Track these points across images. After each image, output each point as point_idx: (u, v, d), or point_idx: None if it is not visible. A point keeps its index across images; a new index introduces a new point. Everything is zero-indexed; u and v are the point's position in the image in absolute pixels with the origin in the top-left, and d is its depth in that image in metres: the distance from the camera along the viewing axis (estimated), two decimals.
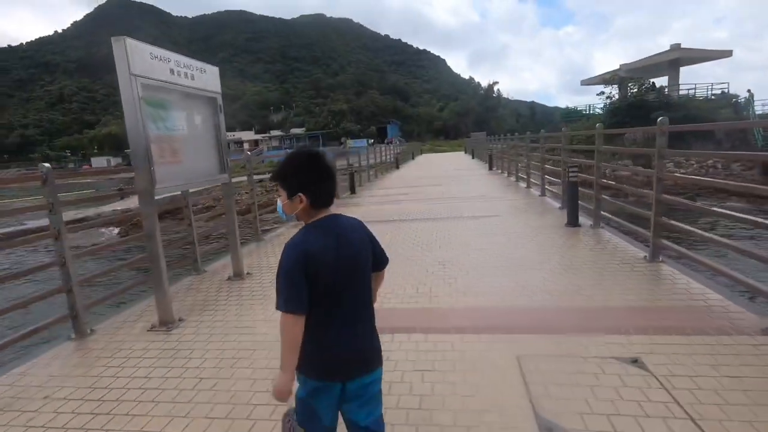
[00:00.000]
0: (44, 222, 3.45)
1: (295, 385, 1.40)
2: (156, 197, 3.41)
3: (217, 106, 4.38)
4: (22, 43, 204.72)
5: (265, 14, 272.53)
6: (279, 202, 1.46)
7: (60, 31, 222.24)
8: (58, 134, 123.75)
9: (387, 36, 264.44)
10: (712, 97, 28.58)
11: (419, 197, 10.34)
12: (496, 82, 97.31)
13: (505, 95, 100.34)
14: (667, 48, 31.04)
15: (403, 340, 2.93)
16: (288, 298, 1.30)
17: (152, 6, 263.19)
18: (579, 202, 5.93)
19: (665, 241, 4.18)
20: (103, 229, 16.48)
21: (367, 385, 1.43)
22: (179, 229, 5.22)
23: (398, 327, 3.13)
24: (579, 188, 5.92)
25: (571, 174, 5.82)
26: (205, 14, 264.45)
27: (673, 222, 4.14)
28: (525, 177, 10.89)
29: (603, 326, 2.91)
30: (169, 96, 3.69)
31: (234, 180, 4.81)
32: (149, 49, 3.36)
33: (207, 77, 4.19)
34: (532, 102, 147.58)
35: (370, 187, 14.20)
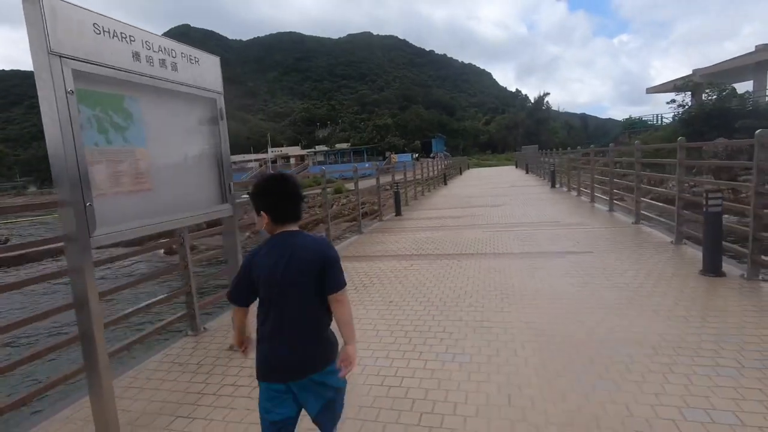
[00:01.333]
0: None
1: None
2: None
3: (216, 110, 3.15)
4: None
5: (314, 34, 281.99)
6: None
7: None
8: None
9: (432, 51, 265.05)
10: None
11: (477, 222, 8.76)
12: (548, 94, 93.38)
13: (554, 107, 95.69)
14: (752, 50, 27.59)
15: None
16: (233, 291, 1.66)
17: (211, 31, 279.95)
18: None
19: None
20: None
21: (312, 384, 1.59)
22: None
23: None
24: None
25: (712, 202, 4.07)
26: (258, 36, 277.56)
27: None
28: (606, 198, 9.03)
29: None
30: (134, 93, 2.48)
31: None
32: (92, 18, 2.15)
33: (201, 69, 2.98)
34: (583, 114, 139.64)
35: (417, 206, 12.76)
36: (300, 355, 1.56)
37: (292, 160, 73.20)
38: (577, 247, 5.80)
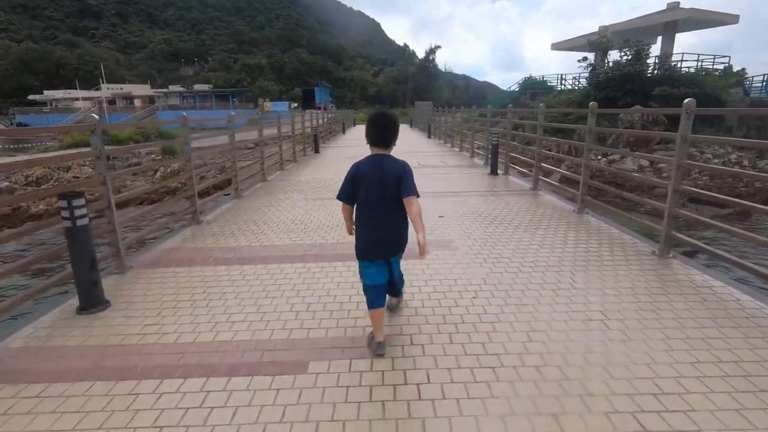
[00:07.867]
0: None
1: None
2: None
3: None
4: None
5: None
6: None
7: None
8: None
9: None
10: (716, 72, 23.14)
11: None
12: (439, 47, 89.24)
13: (440, 66, 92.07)
14: (664, 7, 25.01)
15: None
16: (342, 193, 2.44)
17: None
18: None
19: None
20: None
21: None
22: None
23: None
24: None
25: None
26: None
27: None
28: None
29: None
30: None
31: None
32: None
33: None
34: (465, 75, 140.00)
35: (220, 235, 5.68)
36: (396, 238, 2.43)
37: (138, 102, 57.99)
38: None
